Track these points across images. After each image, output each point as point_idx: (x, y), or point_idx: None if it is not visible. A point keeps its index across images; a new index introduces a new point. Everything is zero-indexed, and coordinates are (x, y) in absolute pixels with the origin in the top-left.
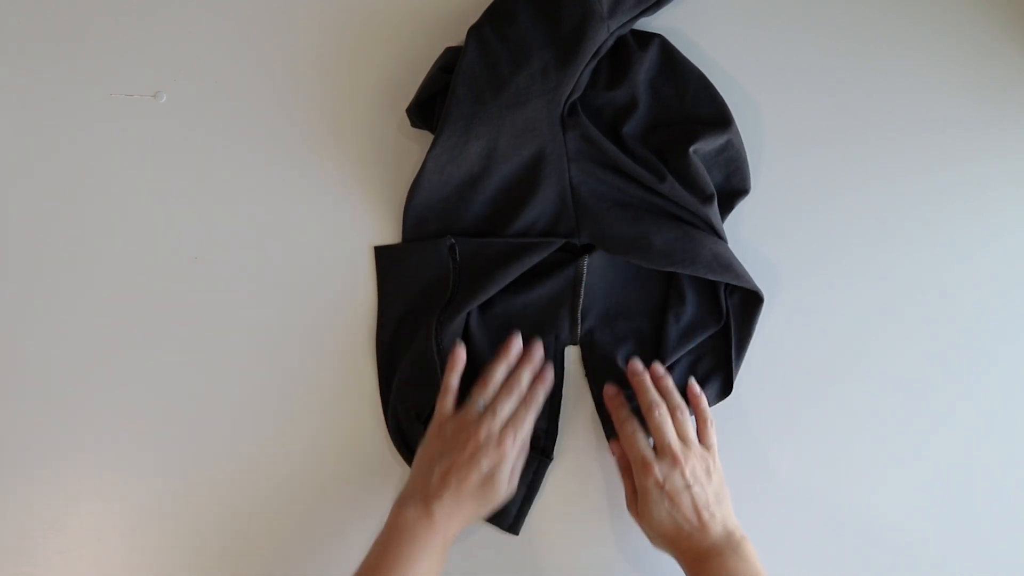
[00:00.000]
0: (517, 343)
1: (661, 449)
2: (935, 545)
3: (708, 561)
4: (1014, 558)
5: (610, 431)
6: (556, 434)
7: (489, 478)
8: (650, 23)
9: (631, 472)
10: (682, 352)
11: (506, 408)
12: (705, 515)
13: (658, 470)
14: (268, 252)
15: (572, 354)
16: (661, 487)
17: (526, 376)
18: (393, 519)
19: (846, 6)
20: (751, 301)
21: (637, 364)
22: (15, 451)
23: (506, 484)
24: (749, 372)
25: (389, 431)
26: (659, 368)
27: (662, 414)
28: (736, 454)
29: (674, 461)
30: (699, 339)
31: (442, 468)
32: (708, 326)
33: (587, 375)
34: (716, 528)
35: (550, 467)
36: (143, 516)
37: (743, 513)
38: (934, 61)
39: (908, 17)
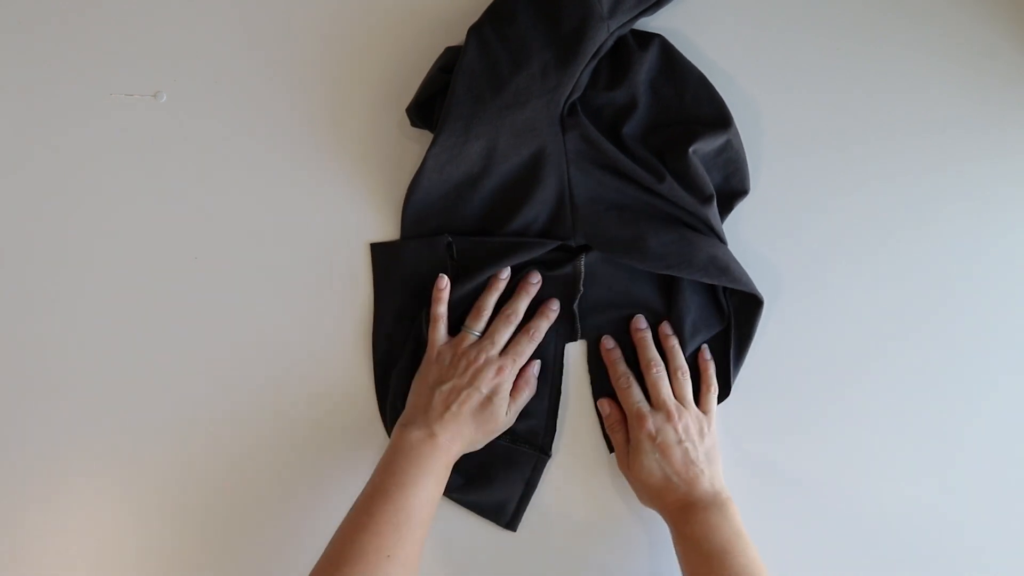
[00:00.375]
0: (504, 272)
1: (656, 404)
2: (935, 542)
3: (692, 515)
4: (1015, 555)
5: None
6: (555, 431)
7: (488, 402)
8: (650, 23)
9: (622, 427)
10: (688, 352)
11: (503, 335)
12: (694, 470)
13: (651, 422)
14: (267, 251)
15: (571, 352)
16: (653, 439)
17: (521, 303)
18: (396, 441)
19: (846, 6)
20: (750, 304)
21: (640, 321)
22: (15, 451)
23: (505, 409)
24: (749, 374)
25: (387, 429)
26: (666, 327)
27: (659, 371)
28: (735, 456)
29: (668, 416)
30: (703, 339)
31: (443, 392)
32: (712, 325)
33: (590, 371)
34: (704, 484)
35: (548, 464)
36: (143, 516)
37: (744, 514)
38: (934, 61)
39: (908, 17)
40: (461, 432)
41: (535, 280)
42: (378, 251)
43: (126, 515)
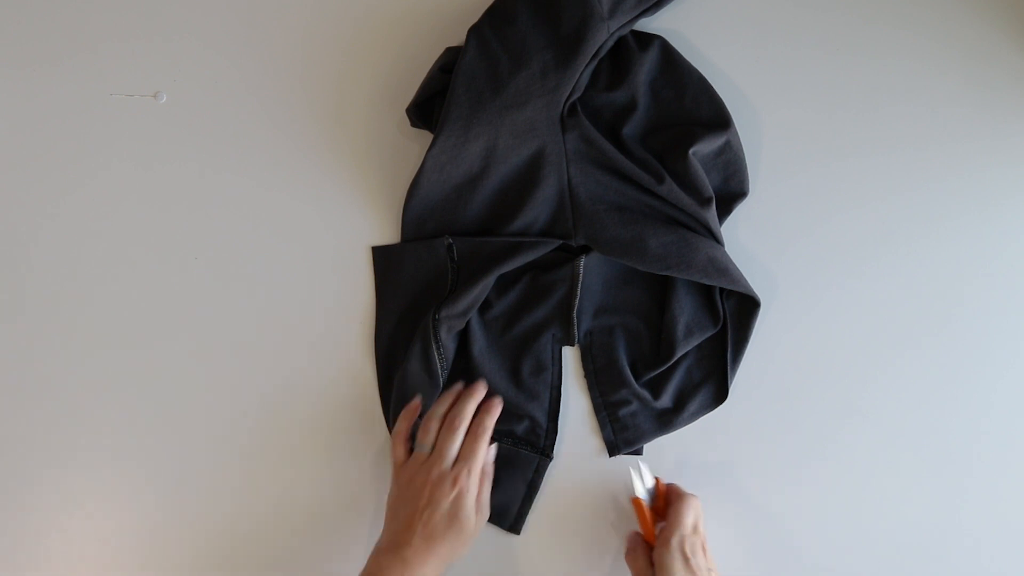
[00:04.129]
0: (458, 385)
1: (695, 529)
2: (935, 548)
3: None
4: (1016, 562)
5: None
6: (556, 433)
7: (453, 516)
8: (650, 24)
9: (642, 552)
10: (680, 354)
11: (451, 447)
12: None
13: (688, 545)
14: (267, 252)
15: (571, 354)
16: (686, 560)
17: (467, 408)
18: (371, 569)
19: (846, 9)
20: (748, 306)
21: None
22: (15, 451)
23: (473, 516)
24: (746, 377)
25: (391, 431)
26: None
27: (696, 503)
28: (731, 459)
29: (703, 546)
30: (697, 341)
31: (405, 515)
32: (706, 328)
33: (586, 376)
34: None
35: (550, 467)
36: (143, 516)
37: (740, 516)
38: (935, 63)
39: (909, 20)
40: (434, 550)
41: (481, 387)
42: (379, 254)
43: (125, 515)
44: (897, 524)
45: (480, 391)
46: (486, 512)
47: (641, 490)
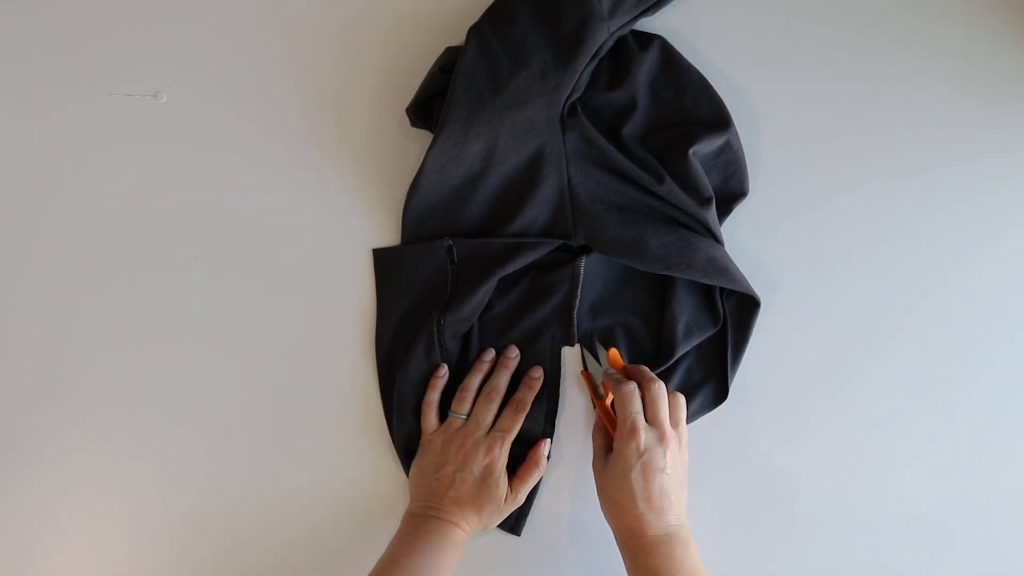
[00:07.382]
0: (489, 353)
1: (651, 421)
2: (935, 547)
3: (654, 546)
4: (1018, 554)
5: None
6: (554, 434)
7: (483, 481)
8: (650, 24)
9: (605, 435)
10: (680, 354)
11: (487, 415)
12: (665, 501)
13: (644, 439)
14: (268, 252)
15: (569, 355)
16: (640, 456)
17: (502, 380)
18: (405, 525)
19: (846, 9)
20: (748, 305)
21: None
22: (15, 451)
23: (503, 485)
24: (746, 377)
25: (391, 432)
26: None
27: (660, 389)
28: (732, 459)
29: (661, 438)
30: (696, 341)
31: (437, 477)
32: (706, 328)
33: (585, 376)
34: (669, 518)
35: (549, 467)
36: (143, 517)
37: (740, 514)
38: (933, 65)
39: (909, 20)
40: (465, 515)
41: (513, 355)
42: (379, 256)
43: (123, 515)
44: (898, 522)
45: (513, 362)
46: (523, 497)
47: (594, 365)
